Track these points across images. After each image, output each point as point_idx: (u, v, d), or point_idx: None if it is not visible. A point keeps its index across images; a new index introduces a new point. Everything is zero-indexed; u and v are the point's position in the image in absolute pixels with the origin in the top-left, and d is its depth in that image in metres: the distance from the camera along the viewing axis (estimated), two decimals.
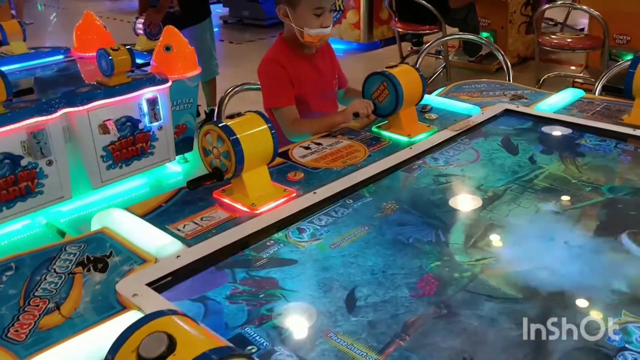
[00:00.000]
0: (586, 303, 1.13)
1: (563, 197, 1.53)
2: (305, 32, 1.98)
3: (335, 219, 1.46)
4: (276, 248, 1.34)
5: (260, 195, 1.50)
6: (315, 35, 1.99)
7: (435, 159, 1.79)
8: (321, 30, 1.98)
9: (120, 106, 2.71)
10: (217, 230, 1.37)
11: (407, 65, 1.97)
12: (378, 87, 1.90)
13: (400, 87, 1.85)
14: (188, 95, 3.74)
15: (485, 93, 2.32)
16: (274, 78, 2.04)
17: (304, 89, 2.06)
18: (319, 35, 1.99)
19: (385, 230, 1.40)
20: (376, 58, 6.84)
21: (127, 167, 3.04)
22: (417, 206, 1.52)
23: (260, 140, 1.48)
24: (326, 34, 2.01)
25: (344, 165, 1.71)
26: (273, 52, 2.10)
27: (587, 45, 4.61)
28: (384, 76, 1.87)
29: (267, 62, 2.07)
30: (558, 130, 1.96)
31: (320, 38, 2.01)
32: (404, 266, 1.26)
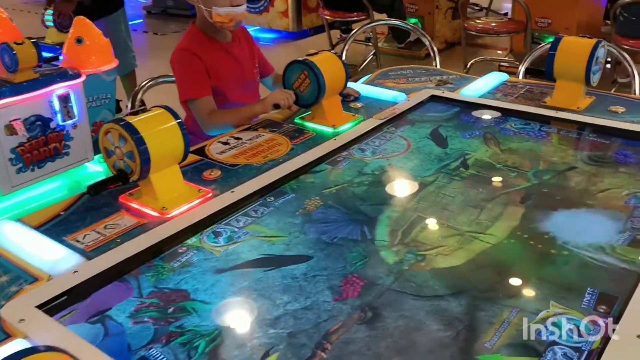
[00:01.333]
0: (515, 296, 1.08)
1: (489, 184, 1.49)
2: (214, 12, 1.85)
3: (254, 219, 1.36)
4: (189, 255, 1.23)
5: (172, 198, 1.38)
6: (225, 15, 1.86)
7: (362, 149, 1.71)
8: (232, 9, 1.86)
9: (29, 104, 2.48)
10: (122, 239, 1.24)
11: (329, 52, 1.89)
12: (299, 76, 1.80)
13: (322, 75, 1.76)
14: (105, 90, 3.52)
15: (411, 79, 2.27)
16: (187, 68, 1.91)
17: (221, 80, 1.94)
18: (230, 14, 1.87)
19: (308, 229, 1.32)
20: (306, 46, 6.74)
21: (40, 169, 2.81)
22: (341, 201, 1.44)
23: (168, 138, 1.36)
24: (238, 14, 1.88)
25: (264, 160, 1.61)
26: (186, 42, 1.96)
27: (511, 29, 4.68)
28: (304, 64, 1.78)
29: (180, 52, 1.93)
30: (483, 115, 1.92)
31: (232, 18, 1.88)
32: (327, 267, 1.18)
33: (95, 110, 3.44)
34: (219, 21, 1.88)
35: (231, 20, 1.89)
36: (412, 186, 1.50)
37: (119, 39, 4.09)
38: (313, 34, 7.17)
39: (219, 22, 1.89)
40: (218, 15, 1.86)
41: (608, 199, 1.39)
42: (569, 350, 0.93)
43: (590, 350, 0.93)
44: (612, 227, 1.26)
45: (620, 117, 1.81)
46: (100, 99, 3.51)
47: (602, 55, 1.90)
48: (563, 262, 1.17)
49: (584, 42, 1.87)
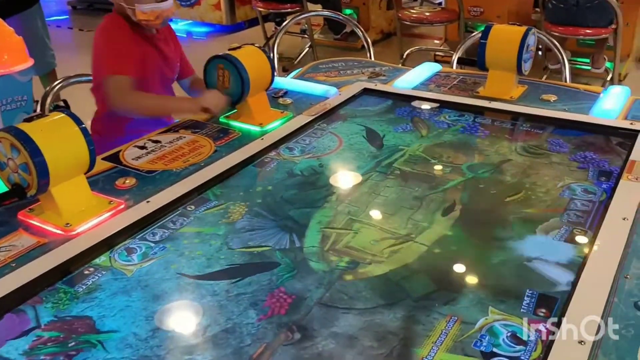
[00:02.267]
0: (452, 303, 1.01)
1: (424, 182, 1.42)
2: (138, 9, 1.68)
3: (172, 231, 1.24)
4: (96, 277, 1.10)
5: (78, 212, 1.24)
6: (150, 12, 1.69)
7: (290, 148, 1.61)
8: (157, 5, 1.69)
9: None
10: (17, 263, 1.10)
11: (252, 45, 1.77)
12: (221, 73, 1.68)
13: (245, 71, 1.65)
14: (20, 92, 3.28)
15: (343, 72, 2.19)
16: (116, 40, 1.72)
17: (146, 74, 1.77)
18: (156, 11, 1.69)
19: (232, 240, 1.21)
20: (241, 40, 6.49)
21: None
22: (269, 207, 1.34)
23: (69, 146, 1.22)
24: (165, 10, 1.71)
25: (185, 165, 1.48)
26: (114, 23, 1.76)
27: (445, 18, 4.68)
28: (225, 60, 1.66)
29: (111, 29, 1.74)
30: (417, 108, 1.86)
31: (158, 15, 1.70)
32: (251, 282, 1.08)
33: (11, 113, 3.20)
34: (144, 19, 1.70)
35: (157, 18, 1.71)
36: (343, 187, 1.42)
37: (36, 36, 3.82)
38: (248, 27, 6.99)
39: (144, 21, 1.71)
40: (142, 12, 1.68)
41: (543, 192, 1.35)
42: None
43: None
44: (548, 223, 1.22)
45: (552, 106, 1.78)
46: (16, 101, 3.27)
47: (533, 43, 1.87)
48: (500, 262, 1.11)
49: (514, 30, 1.83)
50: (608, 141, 1.57)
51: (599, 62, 4.44)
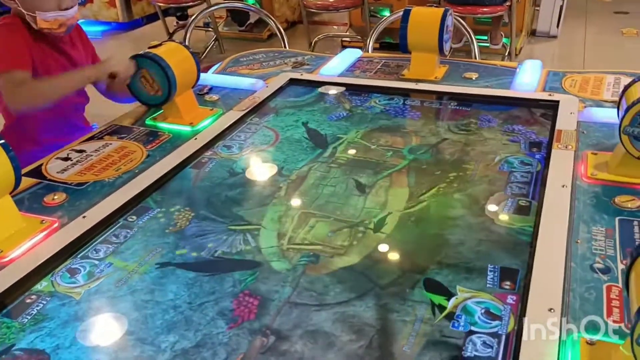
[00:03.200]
0: (420, 287, 1.01)
1: (368, 168, 1.42)
2: (39, 17, 1.54)
3: (116, 245, 1.16)
4: (40, 305, 1.01)
5: (7, 236, 1.13)
6: (53, 20, 1.56)
7: (227, 146, 1.56)
8: (60, 13, 1.56)
9: None
10: None
11: (174, 42, 1.69)
12: (144, 73, 1.59)
13: (170, 69, 1.57)
14: None
15: (266, 64, 2.14)
16: (8, 36, 1.55)
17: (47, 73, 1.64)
18: (59, 19, 1.57)
19: (183, 247, 1.15)
20: (141, 37, 6.31)
21: None
22: (215, 209, 1.29)
23: None
24: (69, 18, 1.58)
25: (117, 173, 1.39)
26: (7, 25, 1.59)
27: (349, 4, 4.72)
28: (148, 59, 1.57)
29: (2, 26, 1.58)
30: (346, 95, 1.86)
31: (62, 23, 1.58)
32: (213, 290, 1.03)
33: None
34: (46, 27, 1.57)
35: (61, 26, 1.58)
36: (288, 181, 1.39)
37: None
38: (146, 23, 6.72)
39: (47, 29, 1.57)
40: (44, 21, 1.55)
41: (483, 168, 1.39)
42: (487, 338, 0.88)
43: (507, 333, 0.89)
44: (494, 197, 1.25)
45: (475, 83, 1.84)
46: None
47: (451, 24, 1.92)
48: (458, 241, 1.13)
49: (432, 12, 1.87)
50: (532, 113, 1.65)
51: (496, 39, 4.66)
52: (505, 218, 1.18)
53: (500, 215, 1.19)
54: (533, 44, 5.19)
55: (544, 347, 0.83)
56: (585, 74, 1.82)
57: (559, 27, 5.25)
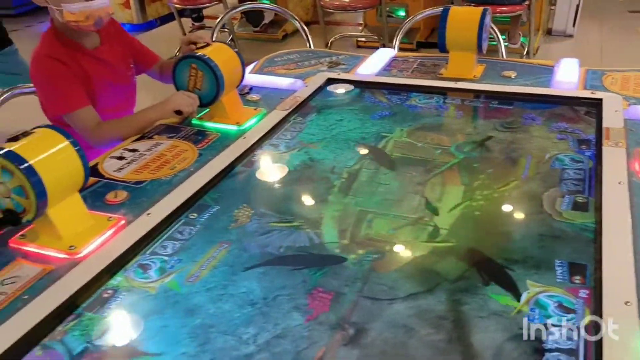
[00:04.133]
0: (490, 282, 1.03)
1: (419, 165, 1.44)
2: (65, 10, 1.54)
3: (182, 242, 1.18)
4: (119, 299, 1.03)
5: (78, 233, 1.16)
6: (79, 12, 1.55)
7: (275, 145, 1.58)
8: (86, 4, 1.55)
9: None
10: (30, 295, 1.01)
11: (219, 42, 1.71)
12: (192, 73, 1.61)
13: (219, 69, 1.60)
14: None
15: (301, 64, 2.17)
16: (56, 78, 1.60)
17: (91, 91, 1.67)
18: (85, 11, 1.56)
19: (248, 244, 1.17)
20: (156, 39, 6.31)
21: None
22: (274, 206, 1.31)
23: (63, 162, 1.13)
24: (95, 10, 1.57)
25: (173, 172, 1.42)
26: (44, 48, 1.63)
27: (367, 4, 4.74)
28: (197, 59, 1.59)
29: (40, 60, 1.61)
30: (386, 94, 1.88)
31: (88, 15, 1.57)
32: (285, 285, 1.05)
33: None
34: (73, 21, 1.56)
35: (88, 18, 1.57)
36: (340, 179, 1.41)
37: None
38: (161, 24, 6.75)
39: (74, 22, 1.57)
40: (70, 13, 1.55)
41: (534, 165, 1.41)
42: (566, 330, 0.90)
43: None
44: (549, 194, 1.27)
45: (515, 82, 1.86)
46: None
47: (489, 23, 1.94)
48: (520, 236, 1.15)
49: (472, 11, 1.89)
50: (575, 111, 1.66)
51: (515, 38, 4.67)
52: (565, 214, 1.19)
53: (559, 212, 1.20)
54: (549, 43, 5.20)
55: (626, 338, 0.85)
56: (625, 72, 1.84)
57: (575, 26, 5.26)
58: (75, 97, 1.61)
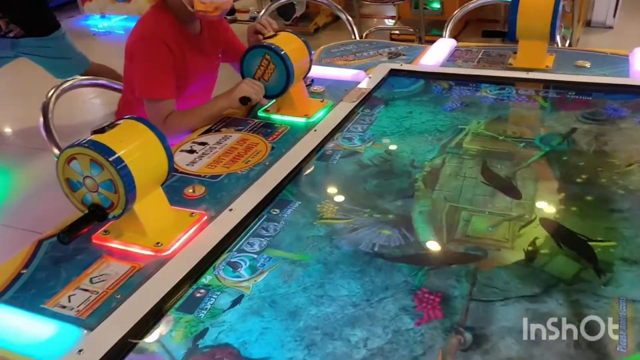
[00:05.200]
0: (609, 282, 0.96)
1: (504, 159, 1.37)
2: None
3: (269, 239, 1.13)
4: (212, 299, 0.98)
5: (163, 229, 1.11)
6: (209, 3, 1.52)
7: (348, 138, 1.52)
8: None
9: None
10: (123, 294, 0.96)
11: (287, 32, 1.66)
12: (261, 63, 1.56)
13: (289, 59, 1.54)
14: None
15: (360, 55, 2.10)
16: (156, 61, 1.56)
17: (185, 78, 1.63)
18: (215, 2, 1.53)
19: (338, 241, 1.12)
20: None
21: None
22: (357, 201, 1.25)
23: (150, 155, 1.08)
24: (224, 2, 1.55)
25: (248, 166, 1.37)
26: (153, 25, 1.58)
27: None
28: (267, 49, 1.54)
29: (148, 39, 1.56)
30: (454, 85, 1.81)
31: (217, 6, 1.54)
32: (387, 285, 0.99)
33: None
34: (202, 10, 1.53)
35: (216, 9, 1.55)
36: (423, 173, 1.34)
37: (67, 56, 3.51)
38: None
39: (202, 12, 1.54)
40: (201, 3, 1.51)
41: (628, 156, 1.33)
42: None
43: None
44: None
45: (590, 71, 1.78)
46: None
47: (561, 10, 1.85)
48: (634, 234, 1.08)
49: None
50: None
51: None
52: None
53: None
54: (588, 35, 5.06)
55: None
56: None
57: (615, 17, 5.11)
58: (165, 86, 1.57)
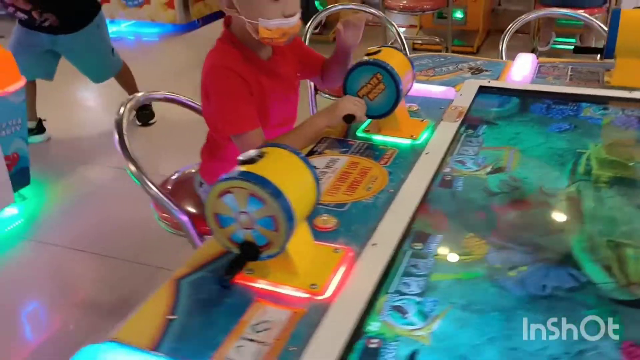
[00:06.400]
0: None
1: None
2: (262, 25, 1.39)
3: (424, 278, 1.03)
4: (391, 351, 0.88)
5: (312, 267, 1.01)
6: (275, 29, 1.40)
7: (461, 162, 1.43)
8: (284, 21, 1.40)
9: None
10: (295, 346, 0.86)
11: (390, 47, 1.56)
12: (370, 81, 1.46)
13: (399, 78, 1.45)
14: (15, 115, 2.87)
15: (439, 70, 2.02)
16: (233, 93, 1.45)
17: (267, 108, 1.53)
18: (282, 28, 1.41)
19: (502, 281, 1.02)
20: (198, 40, 6.16)
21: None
22: (504, 234, 1.16)
23: (305, 188, 0.99)
24: (291, 27, 1.43)
25: (370, 193, 1.27)
26: (223, 58, 1.48)
27: (433, 6, 4.59)
28: (380, 68, 1.44)
29: (219, 70, 1.46)
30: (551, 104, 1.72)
31: (284, 33, 1.42)
32: (579, 338, 0.90)
33: (6, 140, 2.80)
34: (267, 37, 1.42)
35: (283, 35, 1.43)
36: (559, 201, 1.26)
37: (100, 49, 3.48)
38: (202, 25, 6.60)
39: (267, 39, 1.43)
40: (266, 29, 1.40)
41: None
42: None
43: None
44: None
45: None
46: (11, 126, 2.87)
47: None
48: None
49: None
50: None
51: (588, 41, 4.50)
52: None
53: None
54: None
55: None
56: None
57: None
58: (247, 118, 1.45)
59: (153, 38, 6.30)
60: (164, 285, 1.00)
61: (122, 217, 2.86)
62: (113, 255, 2.55)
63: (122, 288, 2.35)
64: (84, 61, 3.46)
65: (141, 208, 2.90)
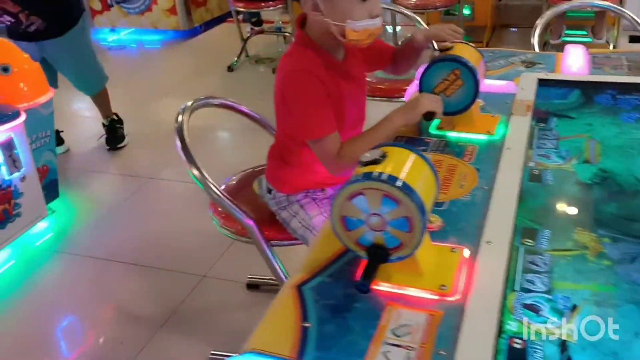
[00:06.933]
0: None
1: None
2: (349, 28, 1.36)
3: (546, 274, 1.01)
4: (537, 351, 0.85)
5: (435, 268, 0.98)
6: (362, 31, 1.37)
7: (544, 155, 1.41)
8: (370, 22, 1.37)
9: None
10: (444, 349, 0.83)
11: (463, 43, 1.54)
12: (447, 77, 1.44)
13: (477, 74, 1.42)
14: (44, 127, 2.83)
15: (490, 64, 1.99)
16: (312, 98, 1.41)
17: (343, 109, 1.49)
18: (368, 29, 1.38)
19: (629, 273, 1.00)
20: (202, 45, 6.13)
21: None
22: (610, 226, 1.13)
23: (429, 186, 0.96)
24: (377, 28, 1.40)
25: (464, 191, 1.24)
26: (301, 60, 1.44)
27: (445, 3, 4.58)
28: (459, 63, 1.42)
29: (300, 74, 1.42)
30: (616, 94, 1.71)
31: (370, 34, 1.39)
32: None
33: (37, 153, 2.75)
34: (355, 39, 1.38)
35: (369, 36, 1.40)
36: None
37: (83, 56, 3.40)
38: (204, 30, 6.55)
39: (354, 40, 1.39)
40: (354, 31, 1.36)
41: None
42: None
43: None
44: None
45: None
46: (40, 138, 2.82)
47: None
48: None
49: None
50: None
51: (600, 33, 4.51)
52: None
53: None
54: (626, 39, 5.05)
55: None
56: None
57: None
58: (325, 123, 1.42)
59: (155, 45, 6.25)
60: (284, 292, 0.97)
61: (157, 226, 2.82)
62: (154, 266, 2.51)
63: (167, 299, 2.31)
64: (72, 68, 3.36)
65: (174, 217, 2.88)
